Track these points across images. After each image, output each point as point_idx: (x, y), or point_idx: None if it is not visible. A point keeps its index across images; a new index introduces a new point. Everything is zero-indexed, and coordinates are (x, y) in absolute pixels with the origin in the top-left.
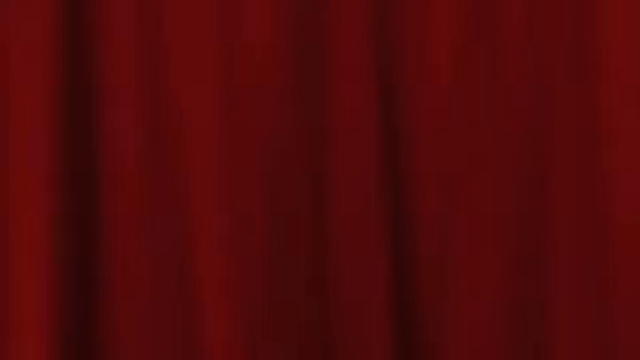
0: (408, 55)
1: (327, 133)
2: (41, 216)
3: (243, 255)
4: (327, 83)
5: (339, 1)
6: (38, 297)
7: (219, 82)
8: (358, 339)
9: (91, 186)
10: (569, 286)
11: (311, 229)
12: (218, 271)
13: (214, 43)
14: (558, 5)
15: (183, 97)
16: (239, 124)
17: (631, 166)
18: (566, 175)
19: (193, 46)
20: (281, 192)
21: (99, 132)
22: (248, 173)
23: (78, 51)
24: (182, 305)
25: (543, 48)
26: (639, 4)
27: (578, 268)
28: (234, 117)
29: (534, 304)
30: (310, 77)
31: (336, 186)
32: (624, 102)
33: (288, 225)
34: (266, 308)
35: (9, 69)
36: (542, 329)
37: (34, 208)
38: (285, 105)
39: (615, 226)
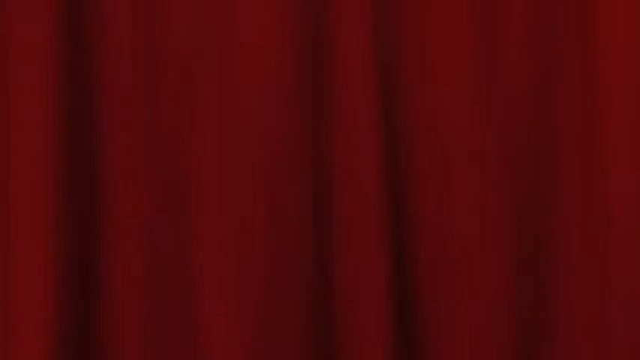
0: (408, 55)
1: (328, 132)
2: (42, 216)
3: (243, 255)
4: (328, 83)
5: (340, 2)
6: (38, 297)
7: (220, 81)
8: (358, 338)
9: (92, 186)
10: (569, 286)
11: (311, 229)
12: (218, 271)
13: (215, 42)
14: (558, 5)
15: (184, 97)
16: (239, 123)
17: (632, 166)
18: (567, 174)
19: (194, 46)
20: (281, 192)
21: (99, 132)
22: (248, 173)
23: (78, 51)
24: (182, 305)
25: (543, 48)
26: (639, 4)
27: (578, 268)
28: (234, 116)
29: (534, 304)
30: (310, 77)
31: (337, 186)
32: (625, 101)
33: (288, 225)
34: (266, 308)
35: (9, 69)
36: (542, 329)
37: (34, 208)
38: (286, 105)
39: (616, 225)
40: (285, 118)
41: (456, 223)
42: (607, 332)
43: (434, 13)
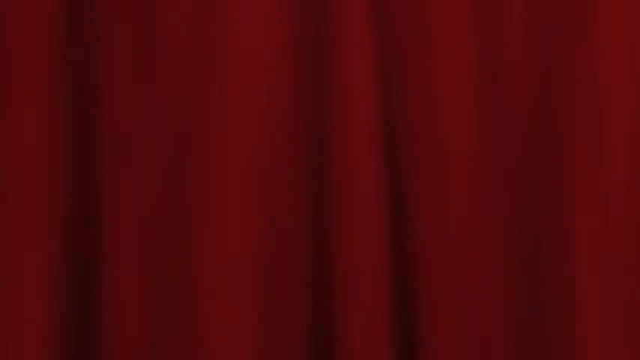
0: (408, 55)
1: (327, 132)
2: (42, 217)
3: (244, 255)
4: (328, 83)
5: (340, 2)
6: (38, 297)
7: (220, 81)
8: (358, 338)
9: (92, 186)
10: (569, 286)
11: (311, 229)
12: (218, 271)
13: (216, 42)
14: (558, 5)
15: (184, 96)
16: (239, 123)
17: (632, 165)
18: (567, 174)
19: (194, 46)
20: (281, 191)
21: (99, 132)
22: (248, 172)
23: (78, 51)
24: (182, 305)
25: (543, 48)
26: (639, 4)
27: (578, 268)
28: (234, 116)
29: (534, 304)
30: (310, 77)
31: (337, 186)
32: (625, 101)
33: (288, 224)
34: (266, 308)
35: (9, 69)
36: (541, 329)
37: (34, 208)
38: (286, 105)
39: (616, 225)
40: (285, 117)
41: (456, 223)
42: (608, 332)
43: (434, 13)
